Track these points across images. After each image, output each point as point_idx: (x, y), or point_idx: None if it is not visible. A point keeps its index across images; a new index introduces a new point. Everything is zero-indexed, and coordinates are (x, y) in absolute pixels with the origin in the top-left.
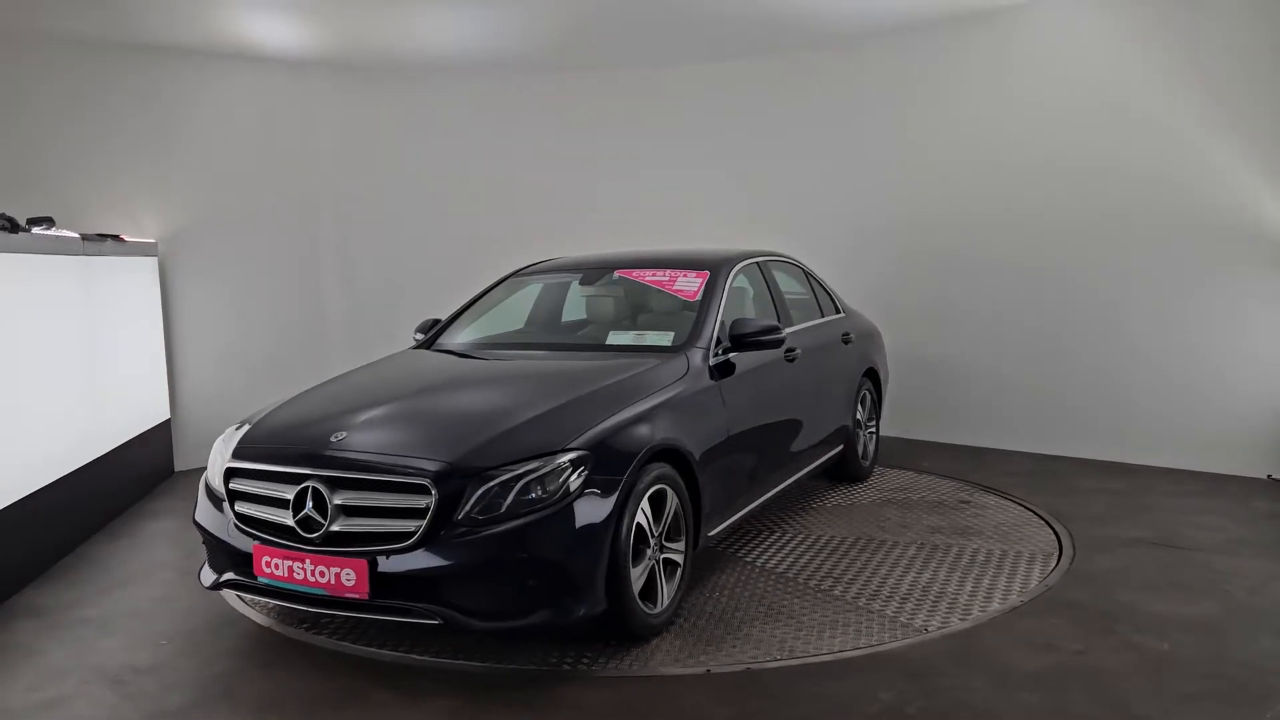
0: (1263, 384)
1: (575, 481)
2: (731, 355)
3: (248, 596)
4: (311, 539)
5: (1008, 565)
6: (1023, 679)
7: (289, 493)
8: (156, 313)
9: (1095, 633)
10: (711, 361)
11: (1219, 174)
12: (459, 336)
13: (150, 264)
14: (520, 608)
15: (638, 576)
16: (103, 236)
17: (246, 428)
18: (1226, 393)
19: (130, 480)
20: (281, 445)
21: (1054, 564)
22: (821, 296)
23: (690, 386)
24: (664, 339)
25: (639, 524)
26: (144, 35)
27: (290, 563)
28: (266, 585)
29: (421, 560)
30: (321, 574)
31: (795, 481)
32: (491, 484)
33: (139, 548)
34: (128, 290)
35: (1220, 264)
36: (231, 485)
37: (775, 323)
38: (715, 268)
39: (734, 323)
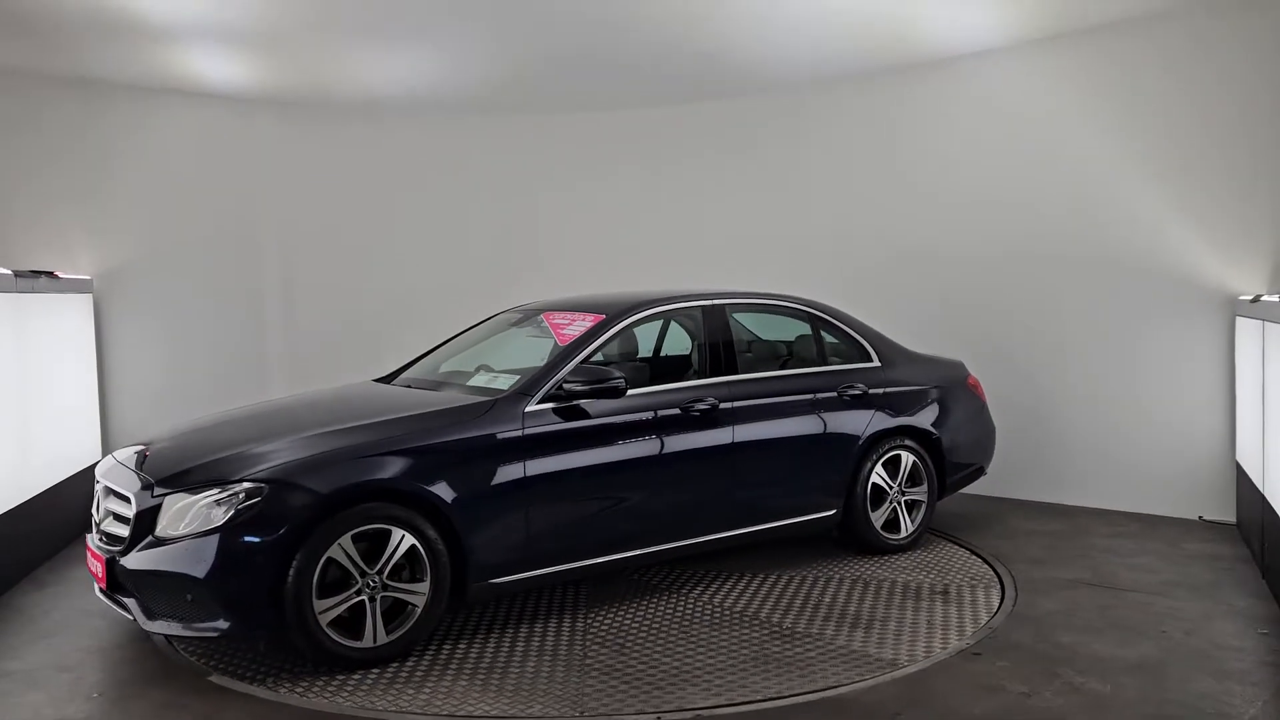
0: (1193, 427)
1: (243, 509)
2: (580, 403)
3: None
4: (96, 537)
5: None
6: None
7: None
8: (90, 352)
9: (1039, 675)
10: (530, 409)
11: (1152, 224)
12: (415, 371)
13: (85, 302)
14: (185, 617)
15: (330, 608)
16: (36, 273)
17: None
18: (1158, 436)
19: (59, 525)
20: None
21: (996, 606)
22: (835, 343)
23: (479, 433)
24: (507, 382)
25: (337, 560)
26: (81, 68)
27: (89, 554)
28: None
29: (129, 563)
30: (92, 566)
31: (708, 544)
32: (180, 504)
33: (67, 595)
34: (61, 329)
35: (1154, 310)
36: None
37: (613, 374)
38: (614, 313)
39: (571, 372)
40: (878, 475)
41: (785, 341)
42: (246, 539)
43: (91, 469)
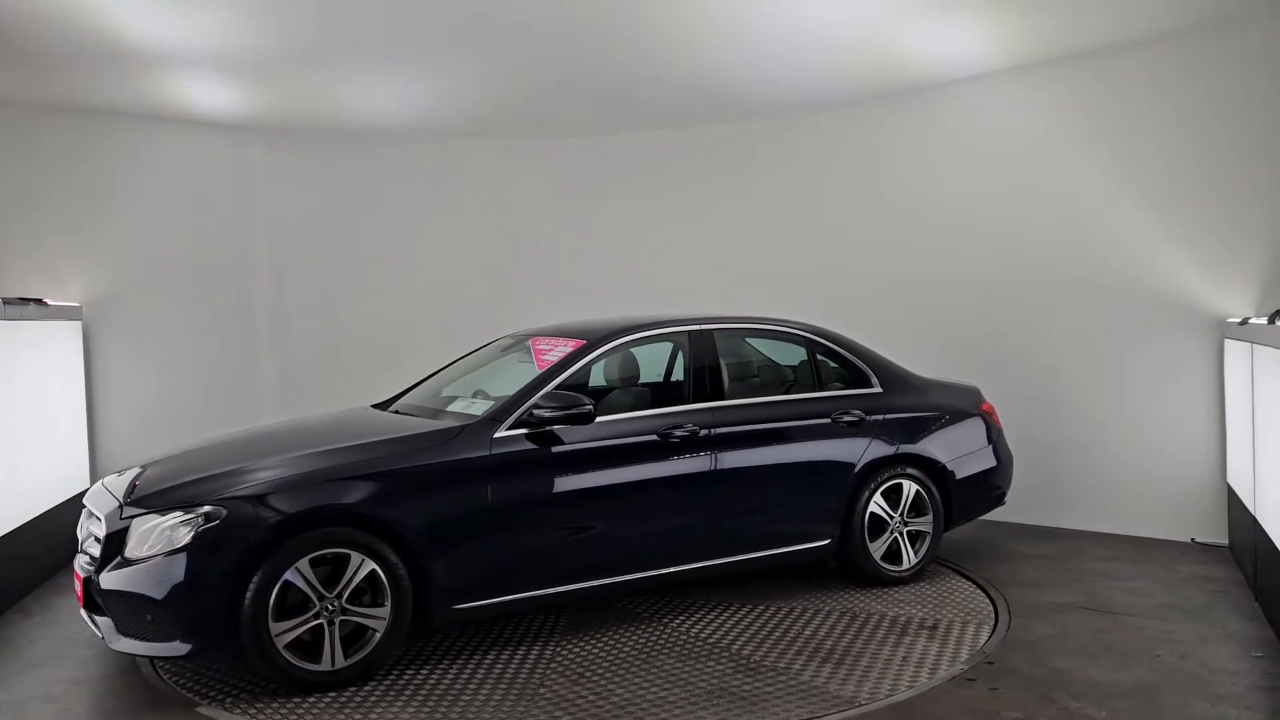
0: (1184, 449)
1: (200, 533)
2: (554, 429)
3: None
4: (80, 557)
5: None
6: None
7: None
8: (79, 380)
9: (1034, 700)
10: (499, 434)
11: (1142, 246)
12: (414, 397)
13: (74, 329)
14: (147, 636)
15: (286, 631)
16: (24, 300)
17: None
18: (1150, 458)
19: (47, 553)
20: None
21: (984, 642)
22: (834, 368)
23: (443, 459)
24: (482, 408)
25: (295, 584)
26: (75, 96)
27: (75, 576)
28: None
29: (101, 582)
30: (75, 586)
31: (687, 573)
32: (146, 526)
33: (54, 624)
34: (50, 356)
35: (1144, 333)
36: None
37: (582, 400)
38: (594, 339)
39: (542, 398)
40: (877, 505)
41: (786, 366)
42: (204, 561)
43: (79, 497)
